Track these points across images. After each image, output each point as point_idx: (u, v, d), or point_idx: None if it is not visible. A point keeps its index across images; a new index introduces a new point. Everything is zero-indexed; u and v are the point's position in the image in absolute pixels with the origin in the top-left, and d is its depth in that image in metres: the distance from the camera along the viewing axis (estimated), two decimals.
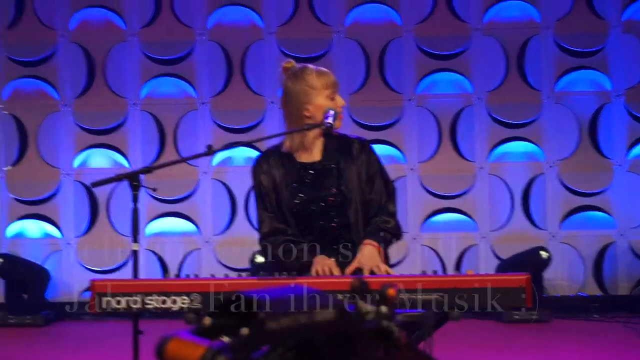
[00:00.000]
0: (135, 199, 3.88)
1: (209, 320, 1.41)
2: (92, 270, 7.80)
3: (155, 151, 7.91)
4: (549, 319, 7.13)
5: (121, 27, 8.02)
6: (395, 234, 3.98)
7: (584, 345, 6.25)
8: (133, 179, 3.90)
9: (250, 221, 7.76)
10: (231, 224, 7.89)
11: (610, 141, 7.90)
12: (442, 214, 7.90)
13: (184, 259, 7.84)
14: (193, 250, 7.87)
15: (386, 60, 7.99)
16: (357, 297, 1.57)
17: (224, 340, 1.33)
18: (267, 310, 1.36)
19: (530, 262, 7.23)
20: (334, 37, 7.99)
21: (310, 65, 3.97)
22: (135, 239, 3.86)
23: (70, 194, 7.89)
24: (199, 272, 7.41)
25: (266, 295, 1.40)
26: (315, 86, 3.88)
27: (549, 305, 7.35)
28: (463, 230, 7.88)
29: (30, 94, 7.99)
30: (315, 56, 7.83)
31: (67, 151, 7.92)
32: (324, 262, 3.75)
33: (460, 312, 3.43)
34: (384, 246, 3.90)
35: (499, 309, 3.46)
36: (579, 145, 7.88)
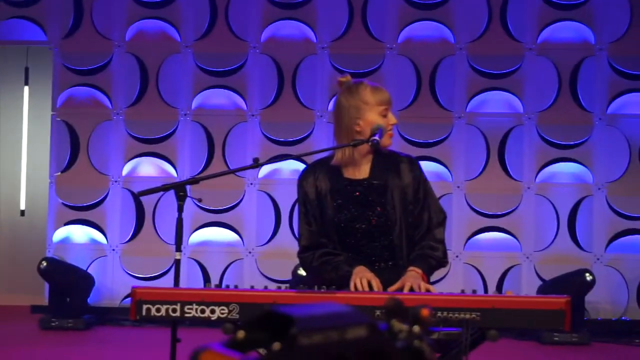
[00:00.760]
0: (180, 209, 3.93)
1: (242, 334, 1.43)
2: (135, 277, 7.89)
3: (204, 161, 7.98)
4: (589, 341, 7.07)
5: (176, 38, 8.12)
6: (441, 262, 3.93)
7: None
8: (179, 190, 3.95)
9: (293, 233, 7.80)
10: (274, 235, 7.93)
11: None
12: (487, 233, 7.87)
13: (226, 269, 7.90)
14: (235, 261, 7.92)
15: (437, 77, 7.99)
16: (391, 316, 1.58)
17: (258, 352, 1.35)
18: (300, 325, 1.37)
19: (573, 284, 7.18)
20: (387, 53, 8.02)
21: (366, 81, 3.95)
22: (178, 248, 3.92)
23: (118, 201, 8.00)
24: (240, 282, 7.47)
25: (299, 311, 1.42)
26: (369, 101, 3.87)
27: (590, 328, 7.31)
28: (507, 250, 7.84)
29: (84, 102, 8.12)
30: (367, 72, 7.85)
31: (117, 159, 8.03)
32: (363, 274, 3.74)
33: (498, 332, 3.43)
34: (428, 274, 3.88)
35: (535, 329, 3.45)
36: (628, 168, 7.82)
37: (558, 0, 7.98)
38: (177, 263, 3.96)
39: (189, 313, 3.47)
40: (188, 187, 4.03)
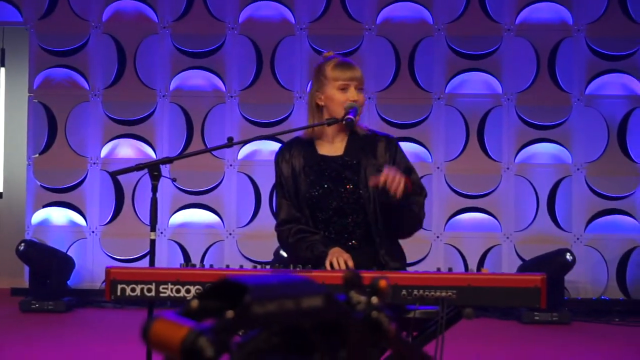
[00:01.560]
0: (154, 189, 3.92)
1: (196, 303, 1.42)
2: (115, 259, 7.88)
3: (182, 143, 7.95)
4: (569, 321, 7.11)
5: (153, 19, 8.07)
6: (419, 192, 3.79)
7: (602, 348, 6.23)
8: (153, 169, 3.93)
9: (273, 214, 7.79)
10: (255, 217, 7.92)
11: (639, 145, 7.85)
12: (467, 213, 7.89)
13: (207, 250, 7.89)
14: (216, 242, 7.91)
15: (416, 58, 7.99)
16: (349, 287, 1.57)
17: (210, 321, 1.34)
18: (254, 294, 1.36)
19: (554, 263, 7.20)
20: (365, 34, 8.00)
21: (339, 57, 3.92)
22: (153, 228, 3.91)
23: (97, 183, 7.97)
24: (221, 264, 7.46)
25: (254, 280, 1.41)
26: (328, 76, 3.85)
27: (570, 307, 7.36)
28: (487, 230, 7.86)
29: (61, 83, 8.07)
30: (345, 53, 7.83)
31: (95, 140, 8.00)
32: (340, 254, 3.74)
33: (474, 310, 3.43)
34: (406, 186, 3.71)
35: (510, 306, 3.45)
36: (607, 148, 7.84)
37: None
38: (152, 243, 3.96)
39: (164, 293, 3.45)
40: (164, 167, 4.00)
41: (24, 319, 7.08)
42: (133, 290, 3.47)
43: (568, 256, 7.22)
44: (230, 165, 7.95)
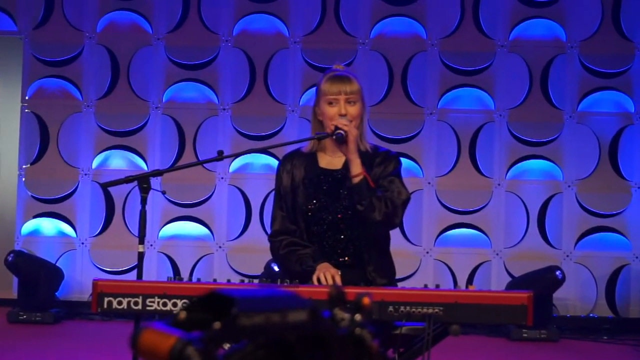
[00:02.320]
0: (143, 201, 3.93)
1: (184, 314, 1.44)
2: (105, 271, 7.86)
3: (174, 155, 7.95)
4: (557, 338, 7.11)
5: (147, 30, 8.08)
6: (381, 209, 3.73)
7: None
8: (143, 182, 3.94)
9: (264, 228, 7.80)
10: (245, 230, 7.92)
11: (630, 163, 7.88)
12: (457, 229, 7.90)
13: (196, 263, 7.88)
14: (206, 255, 7.90)
15: (409, 73, 8.00)
16: (334, 304, 1.59)
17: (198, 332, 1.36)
18: (241, 306, 1.38)
19: (543, 280, 7.21)
20: (359, 48, 8.02)
21: (336, 70, 3.91)
22: (141, 241, 3.91)
23: (87, 194, 7.95)
24: (210, 277, 7.45)
25: (242, 293, 1.42)
26: (322, 89, 3.86)
27: (559, 324, 7.38)
28: (477, 246, 7.87)
29: (54, 94, 8.07)
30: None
31: (87, 152, 7.99)
32: (327, 269, 3.73)
33: (460, 327, 3.43)
34: (367, 189, 3.74)
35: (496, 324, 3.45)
36: (598, 165, 7.86)
37: None
38: (140, 256, 3.96)
39: (151, 306, 3.46)
40: (154, 179, 4.01)
41: (12, 330, 7.06)
42: (120, 303, 3.48)
43: (557, 273, 7.23)
44: (222, 178, 7.95)
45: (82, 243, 7.95)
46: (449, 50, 7.99)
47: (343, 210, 3.87)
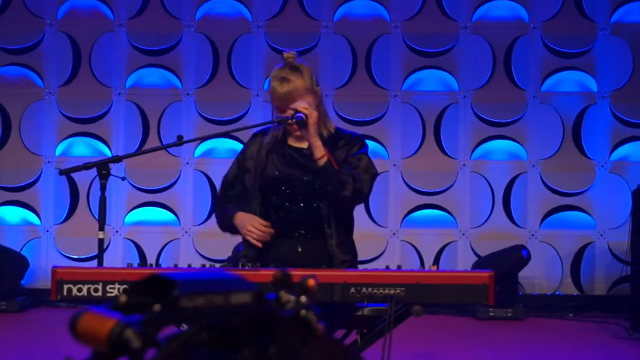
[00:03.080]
0: (103, 188, 3.92)
1: (124, 298, 1.43)
2: (70, 258, 7.82)
3: (138, 141, 7.91)
4: (523, 316, 7.16)
5: (109, 17, 8.01)
6: (351, 189, 3.82)
7: (556, 343, 6.30)
8: (102, 168, 3.92)
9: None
10: (211, 215, 7.89)
11: (594, 142, 7.92)
12: (423, 210, 7.92)
13: (163, 249, 7.85)
14: (172, 241, 7.88)
15: (373, 56, 8.00)
16: (279, 286, 1.59)
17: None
18: (182, 289, 1.37)
19: (509, 260, 7.25)
20: (322, 31, 8.00)
21: (279, 73, 3.90)
22: (101, 228, 3.89)
23: (51, 182, 7.89)
24: (177, 262, 7.42)
25: (184, 276, 1.42)
26: (270, 90, 3.92)
27: (525, 303, 7.44)
28: (443, 227, 7.89)
29: (15, 82, 7.99)
30: (302, 50, 7.82)
31: (50, 139, 7.93)
32: (249, 221, 3.86)
33: (422, 307, 3.44)
34: (332, 173, 3.82)
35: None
36: (562, 145, 7.90)
37: None
38: (101, 242, 3.94)
39: (112, 292, 3.45)
40: (118, 165, 3.99)
41: None
42: (80, 290, 3.46)
43: (523, 252, 7.28)
44: (187, 164, 7.92)
45: (47, 231, 7.90)
46: (412, 32, 7.99)
47: (302, 184, 3.92)
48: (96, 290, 3.45)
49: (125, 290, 1.43)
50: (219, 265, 3.87)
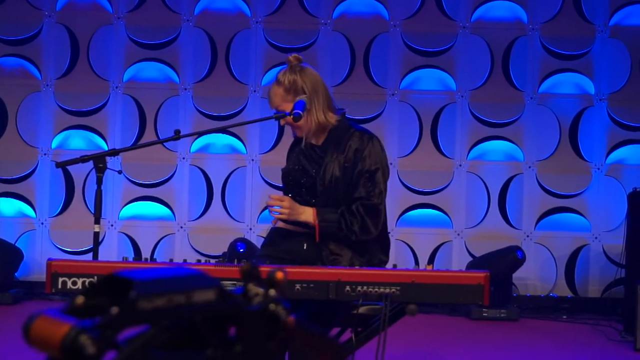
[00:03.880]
0: (99, 181, 3.92)
1: (81, 299, 1.38)
2: (65, 251, 7.82)
3: (135, 135, 7.90)
4: (517, 317, 7.16)
5: (108, 9, 8.01)
6: (349, 234, 3.91)
7: (549, 345, 6.30)
8: (98, 161, 3.92)
9: (225, 208, 7.79)
10: (206, 210, 7.89)
11: (590, 144, 7.91)
12: (418, 210, 7.91)
13: (158, 243, 7.85)
14: (167, 235, 7.88)
15: (371, 54, 7.98)
16: (247, 280, 1.57)
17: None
18: (140, 289, 1.34)
19: (503, 260, 7.24)
20: (321, 29, 7.99)
21: (276, 80, 4.03)
22: (97, 221, 3.89)
23: (47, 174, 7.89)
24: (172, 257, 7.42)
25: (141, 275, 1.38)
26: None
27: (519, 304, 7.45)
28: (438, 227, 7.88)
29: (13, 73, 7.99)
30: (301, 47, 7.83)
31: (47, 131, 7.92)
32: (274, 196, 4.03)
33: (417, 306, 3.44)
34: (327, 228, 3.90)
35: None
36: (558, 147, 7.89)
37: None
38: (96, 236, 3.94)
39: None
40: (114, 158, 3.99)
41: None
42: (74, 283, 3.46)
43: (518, 253, 7.27)
44: (183, 158, 7.91)
45: (42, 223, 7.89)
46: (411, 31, 7.97)
47: (307, 180, 4.01)
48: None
49: (82, 292, 1.39)
50: (215, 261, 3.86)
